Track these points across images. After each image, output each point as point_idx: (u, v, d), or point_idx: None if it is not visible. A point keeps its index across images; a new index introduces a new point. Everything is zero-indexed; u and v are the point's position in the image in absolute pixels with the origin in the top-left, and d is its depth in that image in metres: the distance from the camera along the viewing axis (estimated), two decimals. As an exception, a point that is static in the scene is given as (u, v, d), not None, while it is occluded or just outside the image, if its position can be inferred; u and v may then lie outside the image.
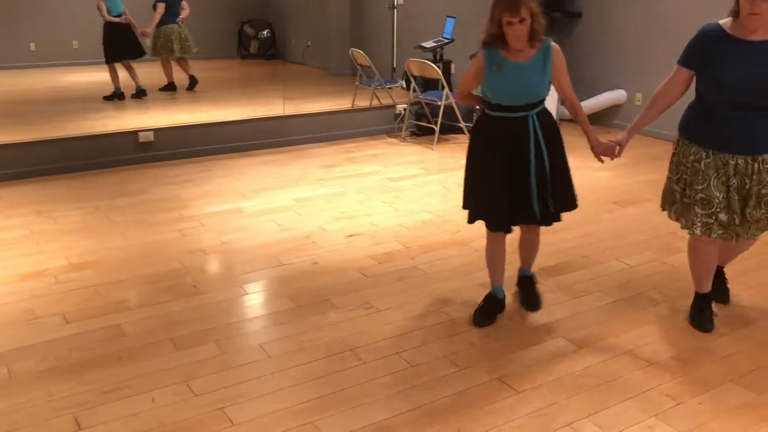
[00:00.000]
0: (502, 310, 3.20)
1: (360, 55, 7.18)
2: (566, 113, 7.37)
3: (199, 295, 3.39)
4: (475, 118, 3.02)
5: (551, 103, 3.08)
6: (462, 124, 6.61)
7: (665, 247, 3.98)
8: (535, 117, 2.87)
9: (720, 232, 2.84)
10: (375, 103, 7.20)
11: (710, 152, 2.79)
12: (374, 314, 3.21)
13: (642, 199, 4.89)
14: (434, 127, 6.51)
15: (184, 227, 4.30)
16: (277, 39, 11.75)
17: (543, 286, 3.47)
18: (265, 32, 11.68)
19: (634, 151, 6.17)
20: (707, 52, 2.73)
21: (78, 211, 4.58)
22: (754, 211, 2.80)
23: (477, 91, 3.04)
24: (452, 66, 7.47)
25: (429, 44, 7.10)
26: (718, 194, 2.79)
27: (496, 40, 2.80)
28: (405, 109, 6.87)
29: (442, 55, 7.18)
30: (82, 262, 3.76)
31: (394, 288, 3.47)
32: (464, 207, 3.10)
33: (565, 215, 3.07)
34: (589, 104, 7.18)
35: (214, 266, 3.81)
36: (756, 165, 2.74)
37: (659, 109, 2.93)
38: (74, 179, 5.32)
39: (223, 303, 3.33)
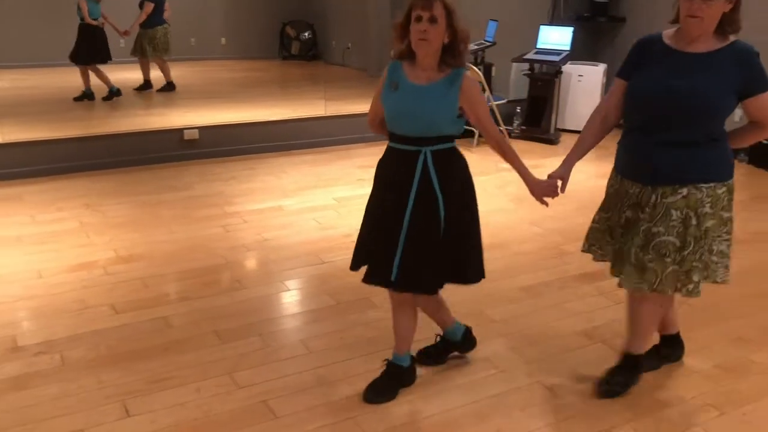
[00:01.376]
0: (409, 383, 2.64)
1: (401, 57, 7.21)
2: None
3: (243, 289, 3.46)
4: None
5: (590, 103, 2.63)
6: (502, 127, 6.59)
7: (709, 255, 3.93)
8: (429, 154, 2.34)
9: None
10: (415, 105, 7.21)
11: (618, 177, 2.47)
12: (414, 314, 3.23)
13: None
14: (474, 129, 6.50)
15: (227, 223, 4.38)
16: (317, 40, 11.87)
17: (584, 291, 3.46)
18: (306, 33, 11.80)
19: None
20: (637, 60, 2.38)
21: (126, 205, 4.71)
22: (641, 253, 2.35)
23: None
24: (493, 69, 7.46)
25: (471, 47, 7.10)
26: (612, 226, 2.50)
27: (405, 53, 2.37)
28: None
29: (483, 58, 7.17)
30: (130, 254, 3.86)
31: (434, 289, 3.49)
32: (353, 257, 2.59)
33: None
34: (632, 110, 7.10)
35: (256, 262, 3.88)
36: (654, 197, 2.33)
37: (597, 130, 2.49)
38: (122, 174, 5.46)
39: (265, 298, 3.39)
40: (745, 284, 3.49)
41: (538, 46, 6.90)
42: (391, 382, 2.61)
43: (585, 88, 6.99)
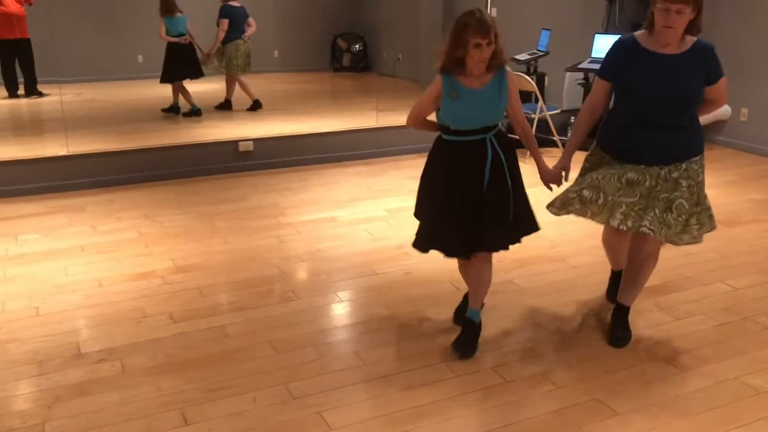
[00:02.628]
0: (479, 335, 3.03)
1: (453, 68, 7.19)
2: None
3: (297, 300, 3.49)
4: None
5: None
6: (556, 138, 6.51)
7: (775, 270, 3.79)
8: (493, 139, 2.84)
9: (577, 206, 2.87)
10: (467, 115, 7.18)
11: (616, 161, 2.87)
12: (468, 327, 3.20)
13: (749, 219, 4.67)
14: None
15: (281, 234, 4.43)
16: (368, 52, 11.95)
17: (643, 306, 3.37)
18: (357, 45, 11.90)
19: (743, 170, 5.91)
20: (620, 63, 2.80)
21: (183, 216, 4.81)
22: (665, 216, 2.78)
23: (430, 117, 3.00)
24: (546, 79, 7.39)
25: (523, 56, 7.04)
26: (597, 177, 2.84)
27: (454, 65, 2.77)
28: (497, 122, 6.82)
29: (536, 68, 7.11)
30: (187, 264, 3.94)
31: (488, 302, 3.44)
32: (416, 239, 3.00)
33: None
34: (691, 119, 6.92)
35: (310, 273, 3.90)
36: (662, 173, 2.79)
37: (587, 125, 2.95)
38: (179, 185, 5.59)
39: (319, 309, 3.41)
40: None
41: (593, 55, 6.79)
42: (472, 338, 3.00)
43: (641, 97, 6.84)
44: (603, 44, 6.79)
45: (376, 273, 3.82)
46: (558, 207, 2.97)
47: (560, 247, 4.12)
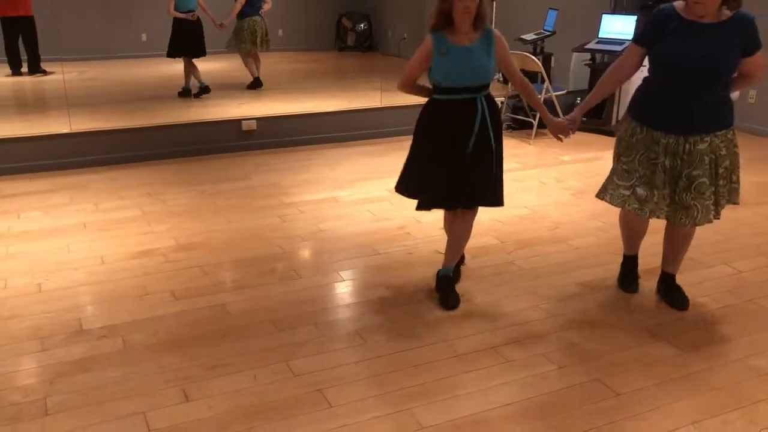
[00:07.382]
0: (455, 284, 3.31)
1: (458, 48, 7.13)
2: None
3: (298, 279, 3.49)
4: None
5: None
6: (562, 119, 6.45)
7: (780, 252, 3.77)
8: (483, 99, 2.97)
9: (635, 205, 2.92)
10: (471, 96, 7.13)
11: (644, 128, 2.89)
12: (470, 308, 3.20)
13: (753, 201, 4.63)
14: (532, 120, 6.39)
15: (284, 213, 4.42)
16: (373, 31, 11.86)
17: (647, 287, 3.36)
18: (362, 25, 11.80)
19: (749, 152, 5.83)
20: (659, 31, 2.81)
21: (185, 194, 4.80)
22: (684, 194, 2.84)
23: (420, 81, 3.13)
24: (552, 59, 7.33)
25: (530, 36, 6.98)
26: (640, 168, 2.89)
27: (443, 24, 2.91)
28: (502, 102, 6.78)
29: (542, 48, 7.05)
30: (190, 242, 3.94)
31: (490, 282, 3.45)
32: (400, 185, 3.18)
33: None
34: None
35: (312, 252, 3.90)
36: (687, 146, 2.81)
37: (611, 86, 3.11)
38: (182, 164, 5.58)
39: (320, 288, 3.41)
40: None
41: (600, 36, 6.72)
42: (453, 289, 3.23)
43: (648, 78, 6.77)
44: (610, 25, 6.72)
45: (378, 253, 3.82)
46: (611, 201, 3.01)
47: (562, 228, 4.10)
